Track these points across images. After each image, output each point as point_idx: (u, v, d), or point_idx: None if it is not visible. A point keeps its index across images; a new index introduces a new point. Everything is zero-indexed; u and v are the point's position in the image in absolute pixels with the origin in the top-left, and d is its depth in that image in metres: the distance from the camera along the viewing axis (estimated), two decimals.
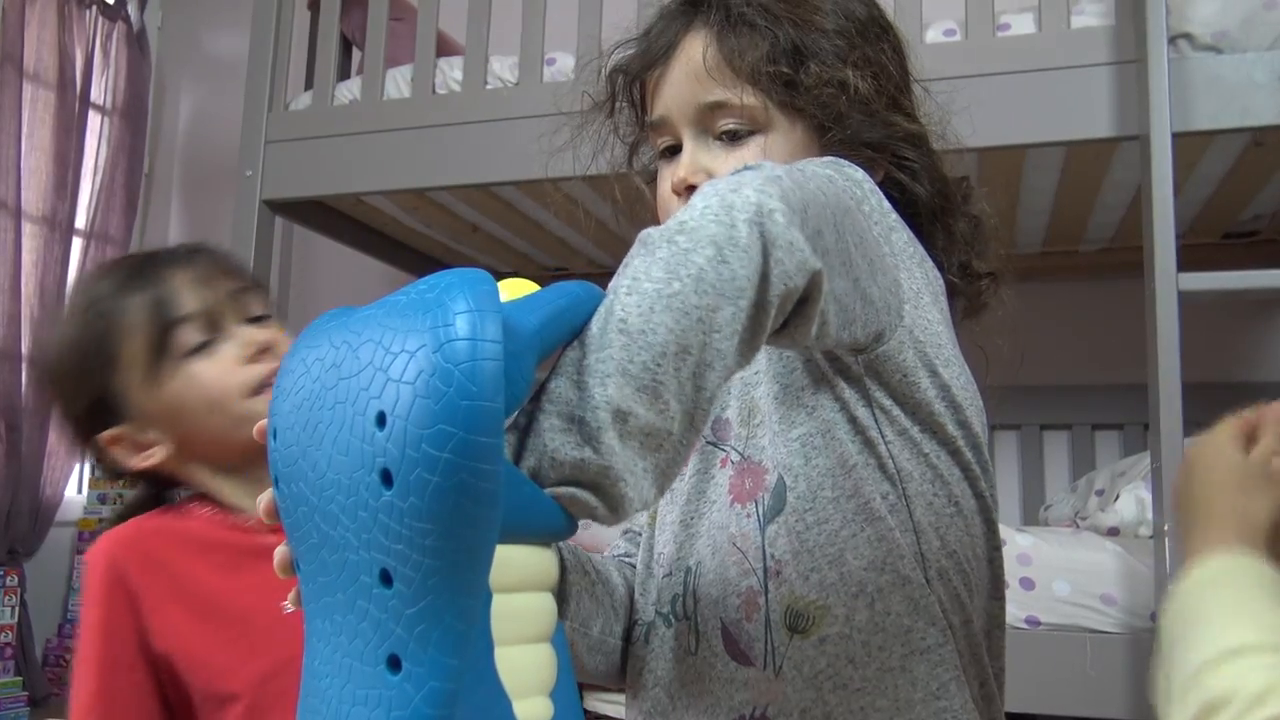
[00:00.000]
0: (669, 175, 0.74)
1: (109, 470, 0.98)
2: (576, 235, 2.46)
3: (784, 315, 0.49)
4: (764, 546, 0.65)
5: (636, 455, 0.42)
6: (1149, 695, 0.47)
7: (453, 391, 0.36)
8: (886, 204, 0.66)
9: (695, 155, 0.72)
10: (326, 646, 0.41)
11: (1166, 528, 1.43)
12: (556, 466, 0.42)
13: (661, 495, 0.45)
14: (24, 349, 2.71)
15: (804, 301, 0.49)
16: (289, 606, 0.48)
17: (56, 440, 2.81)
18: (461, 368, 0.37)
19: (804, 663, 0.63)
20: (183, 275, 0.96)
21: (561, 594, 0.66)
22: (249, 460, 0.96)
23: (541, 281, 0.47)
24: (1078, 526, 1.85)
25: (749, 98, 0.70)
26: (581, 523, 0.45)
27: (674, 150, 0.74)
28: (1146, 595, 1.55)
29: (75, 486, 3.00)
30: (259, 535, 0.92)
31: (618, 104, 0.81)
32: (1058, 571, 1.59)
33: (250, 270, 1.02)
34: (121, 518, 0.98)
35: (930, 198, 0.73)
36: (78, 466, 2.97)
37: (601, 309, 0.44)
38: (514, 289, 0.46)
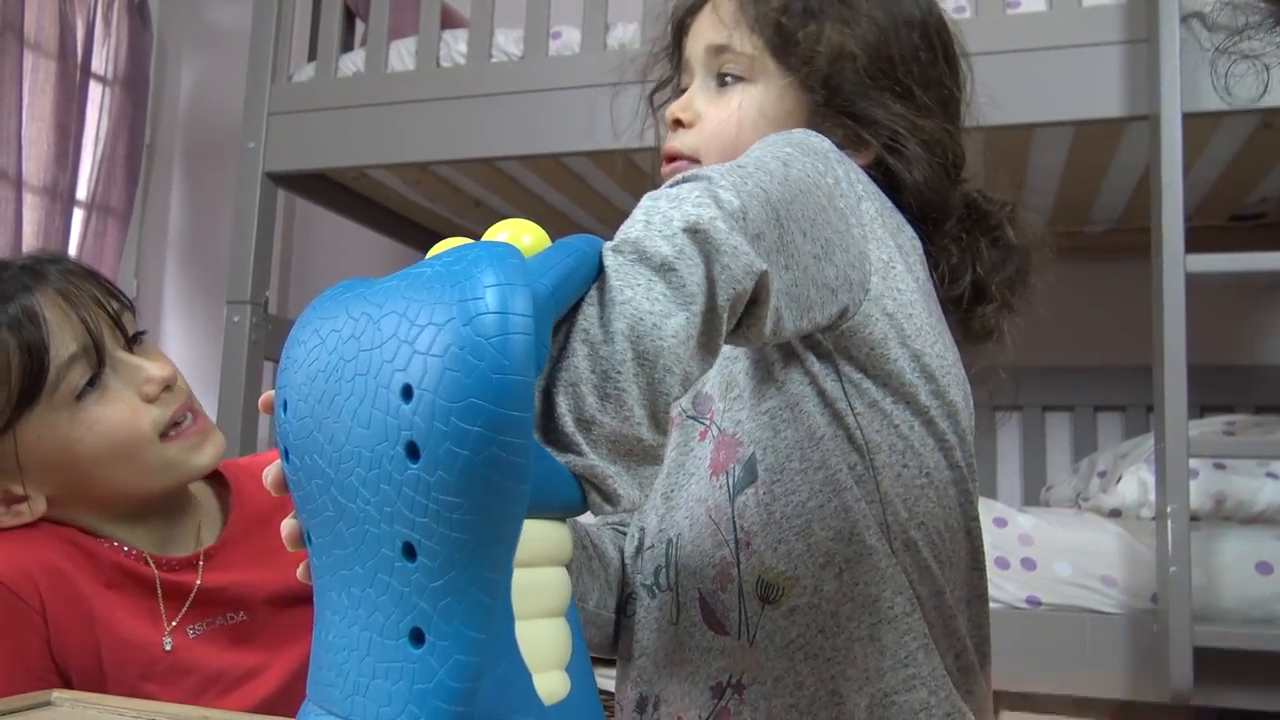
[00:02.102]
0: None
1: None
2: (579, 210, 2.45)
3: (736, 318, 0.50)
4: (733, 517, 0.66)
5: (608, 460, 0.43)
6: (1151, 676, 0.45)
7: (484, 365, 0.36)
8: (856, 173, 0.66)
9: (691, 94, 0.75)
10: (343, 620, 0.41)
11: (1169, 509, 1.43)
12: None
13: (646, 494, 0.46)
14: None
15: (754, 303, 0.51)
16: (300, 576, 0.47)
17: None
18: (493, 341, 0.36)
19: (776, 632, 0.64)
20: (50, 300, 0.81)
21: None
22: (150, 509, 0.87)
23: None
24: (1080, 508, 1.86)
25: (746, 44, 0.72)
26: None
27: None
28: (1147, 577, 1.55)
29: None
30: (165, 572, 0.86)
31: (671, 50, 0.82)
32: (1059, 552, 1.60)
33: (108, 280, 0.89)
34: None
35: (922, 192, 0.72)
36: None
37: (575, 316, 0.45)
38: (514, 229, 0.46)
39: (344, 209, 2.38)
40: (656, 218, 0.48)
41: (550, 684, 0.42)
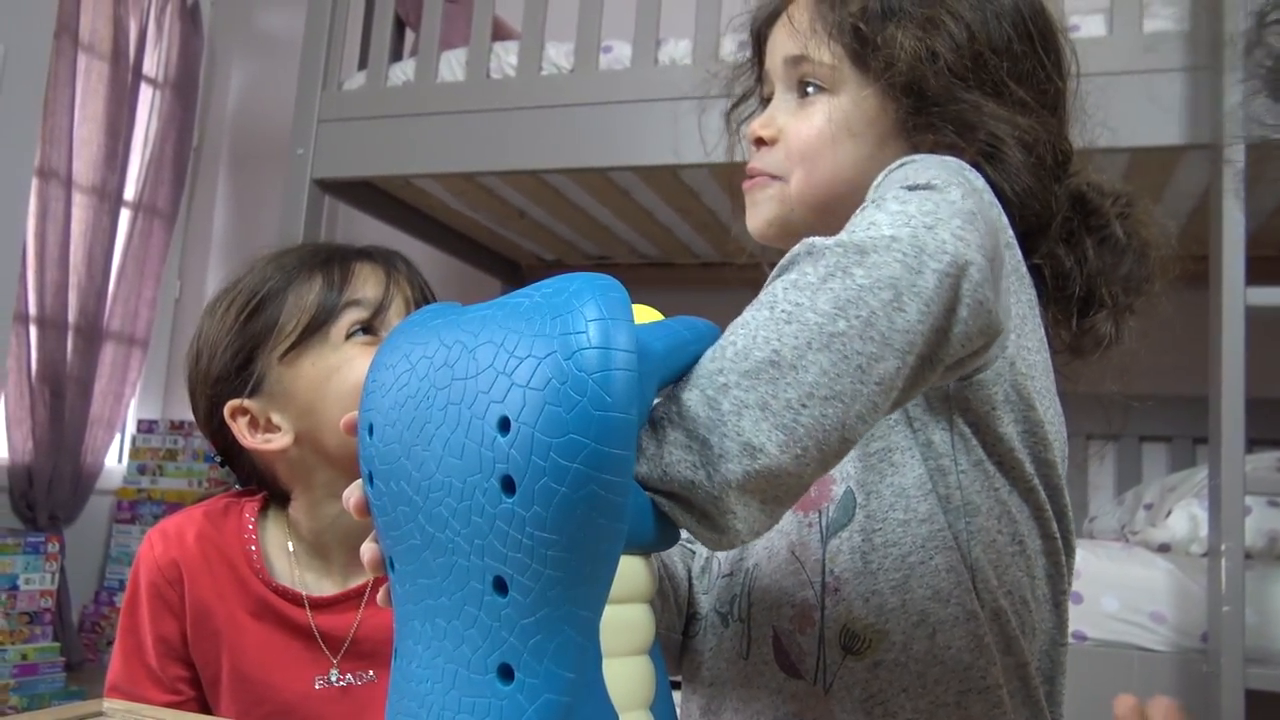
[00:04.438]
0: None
1: (218, 448, 0.92)
2: (622, 224, 2.45)
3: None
4: (824, 561, 0.63)
5: (755, 493, 0.40)
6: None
7: (586, 401, 0.35)
8: (1004, 215, 0.61)
9: (772, 109, 0.72)
10: (427, 650, 0.41)
11: (1223, 547, 1.40)
12: (667, 481, 0.41)
13: (772, 527, 0.43)
14: (70, 318, 2.73)
15: (972, 355, 0.47)
16: (381, 601, 0.47)
17: (99, 409, 2.83)
18: (595, 377, 0.36)
19: (855, 685, 0.61)
20: (370, 267, 0.92)
21: None
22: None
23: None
24: (1127, 541, 1.82)
25: (824, 53, 0.68)
26: None
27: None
28: (1198, 615, 1.52)
29: (115, 455, 3.02)
30: (300, 611, 0.88)
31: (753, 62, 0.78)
32: (1107, 586, 1.57)
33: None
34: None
35: (1024, 201, 0.66)
36: (118, 435, 3.00)
37: (751, 322, 0.42)
38: (639, 315, 0.45)
39: (387, 216, 2.39)
40: (905, 235, 0.42)
41: None
